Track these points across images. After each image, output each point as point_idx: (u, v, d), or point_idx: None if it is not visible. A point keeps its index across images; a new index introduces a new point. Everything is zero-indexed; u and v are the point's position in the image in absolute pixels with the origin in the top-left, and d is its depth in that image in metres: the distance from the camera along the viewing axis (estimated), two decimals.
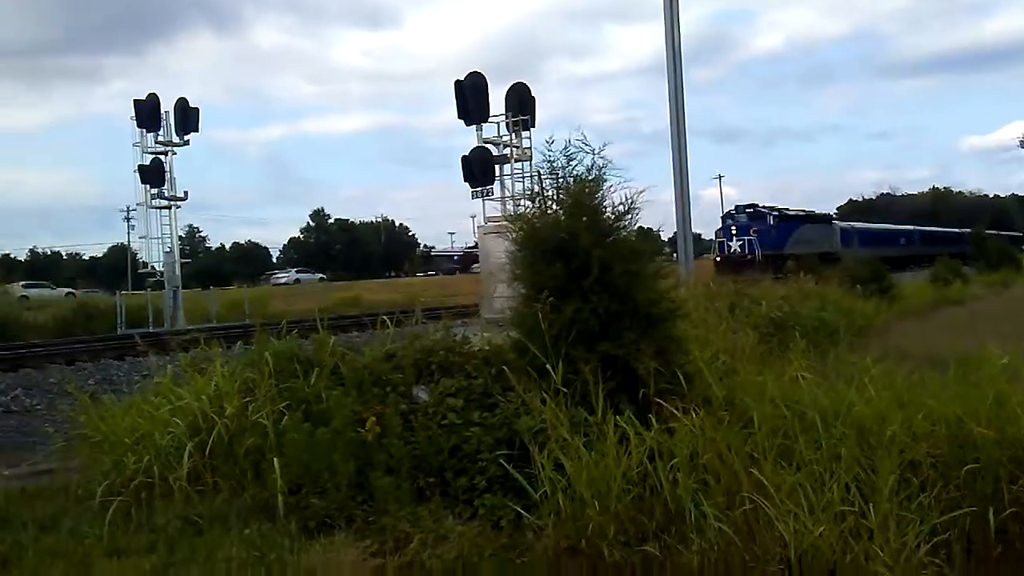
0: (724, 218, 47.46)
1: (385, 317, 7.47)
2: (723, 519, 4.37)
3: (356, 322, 20.27)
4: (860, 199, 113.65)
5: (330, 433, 5.39)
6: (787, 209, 47.49)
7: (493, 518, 4.91)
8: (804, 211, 49.85)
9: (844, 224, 53.96)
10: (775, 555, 4.20)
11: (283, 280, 62.54)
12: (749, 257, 39.93)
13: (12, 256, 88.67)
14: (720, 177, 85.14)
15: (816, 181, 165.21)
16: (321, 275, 66.94)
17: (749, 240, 41.88)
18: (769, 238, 42.73)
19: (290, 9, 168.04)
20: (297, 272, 67.61)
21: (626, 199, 6.12)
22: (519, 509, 4.81)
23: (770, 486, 4.39)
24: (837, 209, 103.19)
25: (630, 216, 6.10)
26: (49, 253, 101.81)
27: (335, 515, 5.09)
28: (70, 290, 30.45)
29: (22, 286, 48.33)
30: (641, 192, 6.24)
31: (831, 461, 4.62)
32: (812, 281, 17.80)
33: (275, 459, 5.36)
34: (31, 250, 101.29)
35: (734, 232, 42.80)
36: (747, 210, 44.98)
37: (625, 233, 6.10)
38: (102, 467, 5.88)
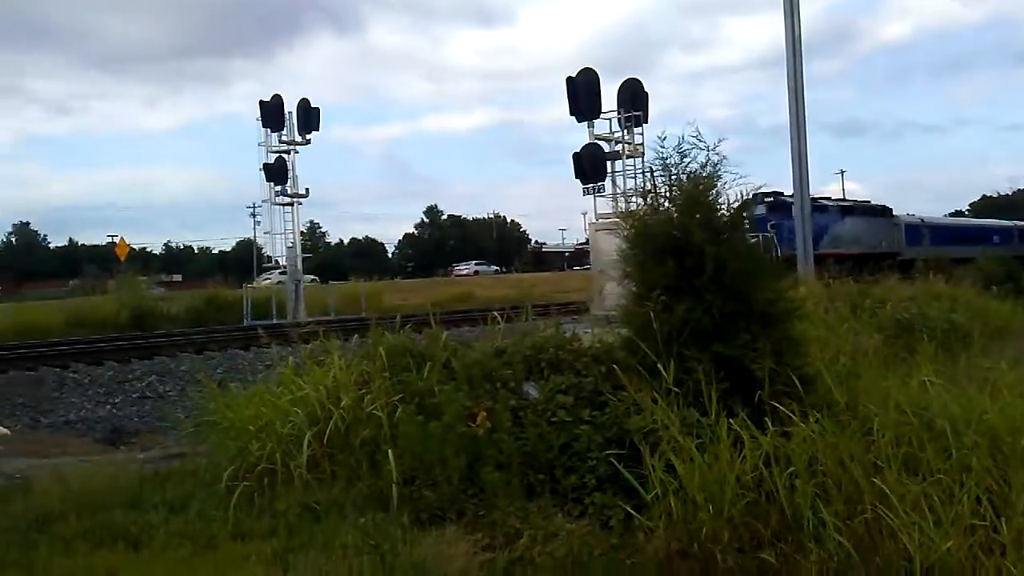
0: None
1: (496, 313, 7.54)
2: (843, 529, 4.22)
3: (467, 317, 20.56)
4: (996, 195, 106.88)
5: (442, 427, 5.47)
6: (826, 198, 38.44)
7: (603, 517, 4.89)
8: (852, 201, 40.46)
9: (911, 218, 43.48)
10: (899, 568, 4.03)
11: (464, 272, 67.93)
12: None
13: (149, 250, 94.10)
14: (842, 172, 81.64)
15: (946, 176, 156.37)
16: (496, 267, 70.95)
17: (767, 237, 34.45)
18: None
19: (406, 9, 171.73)
20: (476, 265, 73.37)
21: (742, 196, 5.98)
22: (629, 509, 4.77)
23: (893, 496, 4.21)
24: (970, 205, 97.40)
25: (746, 213, 5.95)
26: (182, 247, 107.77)
27: (447, 508, 5.17)
28: (313, 277, 33.91)
29: (279, 274, 52.90)
30: (758, 188, 6.10)
31: (961, 472, 4.40)
32: (942, 281, 16.92)
33: (389, 450, 5.49)
34: (166, 244, 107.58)
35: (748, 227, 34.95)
36: (767, 199, 32.36)
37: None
38: (228, 453, 6.15)
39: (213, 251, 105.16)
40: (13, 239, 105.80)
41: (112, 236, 62.84)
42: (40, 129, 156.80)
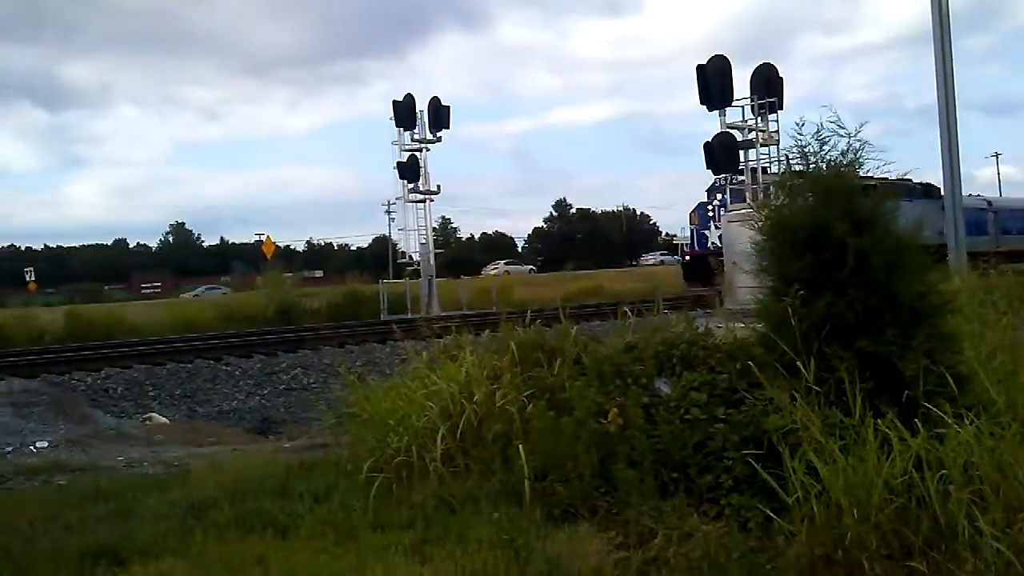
0: (708, 192, 29.70)
1: (626, 307, 7.46)
2: (1001, 538, 3.94)
3: (597, 311, 20.49)
4: None
5: (573, 423, 5.46)
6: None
7: (740, 519, 4.74)
8: (880, 178, 16.55)
9: (972, 199, 29.43)
10: None
11: (650, 261, 71.90)
12: None
13: (291, 247, 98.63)
14: (997, 155, 76.27)
15: None
16: (678, 258, 74.58)
17: None
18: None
19: (534, 3, 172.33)
20: (660, 255, 75.84)
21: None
22: (768, 512, 4.61)
23: None
24: None
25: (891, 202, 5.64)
26: (322, 244, 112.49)
27: (579, 504, 5.16)
28: (531, 267, 39.03)
29: (504, 263, 65.59)
30: (904, 175, 5.78)
31: None
32: None
33: (520, 446, 5.53)
34: (307, 241, 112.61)
35: (712, 216, 26.72)
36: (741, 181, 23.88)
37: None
38: (367, 445, 6.37)
39: (351, 247, 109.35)
40: (170, 238, 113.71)
41: (259, 234, 66.38)
42: (193, 134, 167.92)
